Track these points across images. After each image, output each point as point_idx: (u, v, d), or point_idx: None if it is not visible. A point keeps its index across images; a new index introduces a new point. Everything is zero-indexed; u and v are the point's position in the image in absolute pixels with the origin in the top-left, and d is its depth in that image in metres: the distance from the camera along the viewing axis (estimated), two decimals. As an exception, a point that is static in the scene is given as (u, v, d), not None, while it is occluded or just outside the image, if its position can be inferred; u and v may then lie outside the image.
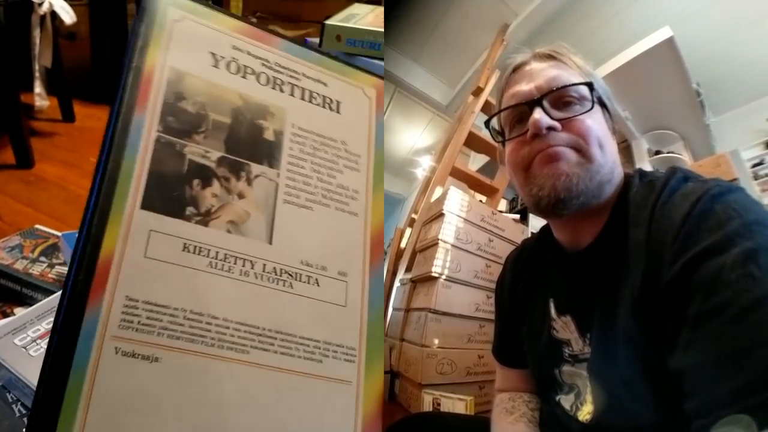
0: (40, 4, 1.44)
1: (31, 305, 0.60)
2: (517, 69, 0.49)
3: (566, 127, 0.44)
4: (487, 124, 0.53)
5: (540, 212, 0.48)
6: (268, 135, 0.50)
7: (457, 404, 0.86)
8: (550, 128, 0.43)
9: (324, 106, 0.55)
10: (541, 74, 0.47)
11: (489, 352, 1.19)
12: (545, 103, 0.44)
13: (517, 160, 0.47)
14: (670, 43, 1.70)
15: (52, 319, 0.56)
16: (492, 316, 1.22)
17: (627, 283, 0.41)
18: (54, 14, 1.50)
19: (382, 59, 0.73)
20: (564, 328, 0.50)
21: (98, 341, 0.40)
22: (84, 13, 2.01)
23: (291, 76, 0.53)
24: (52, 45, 1.56)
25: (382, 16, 0.81)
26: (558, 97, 0.45)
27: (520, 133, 0.46)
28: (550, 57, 0.49)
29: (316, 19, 0.78)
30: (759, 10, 1.77)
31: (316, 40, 0.79)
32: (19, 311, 0.61)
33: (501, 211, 1.67)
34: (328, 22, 0.76)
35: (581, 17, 1.91)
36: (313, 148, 0.52)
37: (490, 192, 1.62)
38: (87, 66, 2.04)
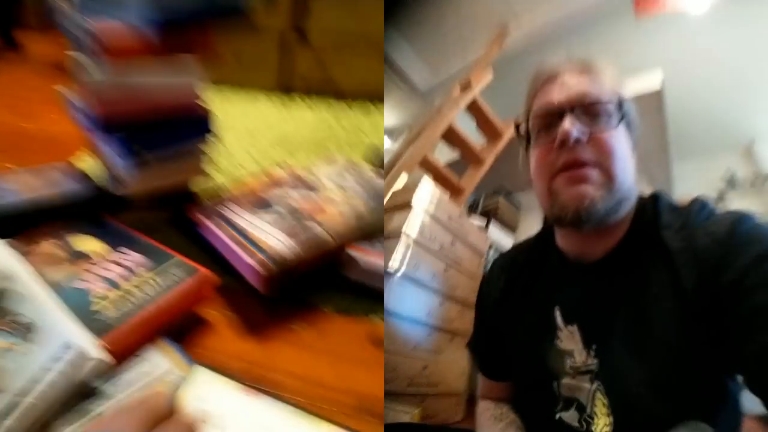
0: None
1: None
2: (550, 76, 0.50)
3: (592, 141, 0.46)
4: (517, 128, 0.53)
5: (558, 224, 0.51)
6: None
7: (401, 418, 0.79)
8: (577, 140, 0.45)
9: None
10: (573, 85, 0.48)
11: (434, 365, 1.14)
12: (574, 115, 0.46)
13: (542, 168, 0.48)
14: (658, 96, 1.71)
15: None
16: (442, 325, 1.16)
17: (665, 293, 0.44)
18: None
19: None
20: (569, 338, 0.50)
21: None
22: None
23: None
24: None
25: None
26: (587, 110, 0.47)
27: (547, 140, 0.47)
28: (583, 67, 0.50)
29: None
30: (735, 76, 1.83)
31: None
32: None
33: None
34: None
35: (580, 43, 1.89)
36: None
37: (455, 191, 1.56)
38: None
